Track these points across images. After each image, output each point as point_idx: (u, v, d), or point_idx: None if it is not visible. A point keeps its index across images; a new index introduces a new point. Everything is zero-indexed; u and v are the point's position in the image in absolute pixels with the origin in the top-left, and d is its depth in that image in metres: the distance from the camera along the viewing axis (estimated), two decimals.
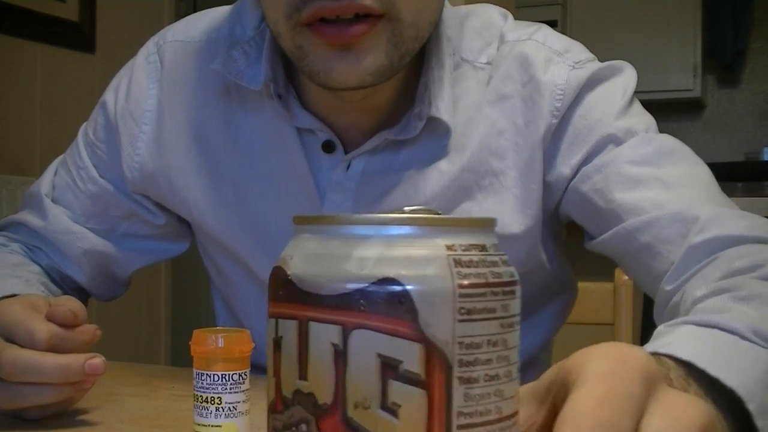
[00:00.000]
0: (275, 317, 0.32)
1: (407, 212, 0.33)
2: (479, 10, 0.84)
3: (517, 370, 0.32)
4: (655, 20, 3.85)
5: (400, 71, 0.73)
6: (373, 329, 0.29)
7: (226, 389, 0.56)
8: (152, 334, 2.61)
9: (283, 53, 0.77)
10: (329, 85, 0.70)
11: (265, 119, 0.81)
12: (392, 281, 0.30)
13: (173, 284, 2.72)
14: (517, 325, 0.32)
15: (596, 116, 0.78)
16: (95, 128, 0.89)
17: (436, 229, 0.31)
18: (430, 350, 0.29)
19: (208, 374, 0.56)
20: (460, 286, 0.30)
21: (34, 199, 0.90)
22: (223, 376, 0.56)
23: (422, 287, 0.30)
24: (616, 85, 0.80)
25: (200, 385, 0.56)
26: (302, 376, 0.31)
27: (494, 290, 0.31)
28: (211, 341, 0.56)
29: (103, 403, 0.71)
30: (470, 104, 0.79)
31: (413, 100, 0.77)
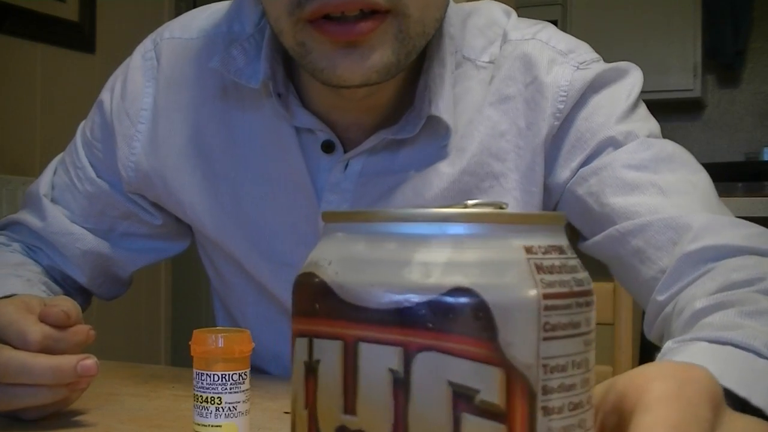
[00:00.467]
0: (308, 335, 0.27)
1: (471, 206, 0.28)
2: (482, 7, 0.83)
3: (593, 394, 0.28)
4: (655, 20, 3.85)
5: (404, 69, 0.72)
6: (443, 351, 0.24)
7: (226, 389, 0.56)
8: (152, 334, 2.61)
9: (282, 51, 0.76)
10: (333, 82, 0.69)
11: (263, 119, 0.80)
12: (466, 291, 0.25)
13: (173, 284, 2.72)
14: (595, 342, 0.28)
15: (599, 119, 0.77)
16: (92, 127, 0.88)
17: (511, 227, 0.26)
18: (511, 375, 0.24)
19: (208, 374, 0.56)
20: (544, 296, 0.25)
21: (33, 199, 0.90)
22: (223, 376, 0.56)
23: (502, 298, 0.25)
24: (621, 88, 0.79)
25: (200, 385, 0.56)
26: (349, 409, 0.26)
27: (578, 300, 0.27)
28: (211, 341, 0.56)
29: (103, 403, 0.71)
30: (471, 105, 0.78)
31: (413, 98, 0.76)
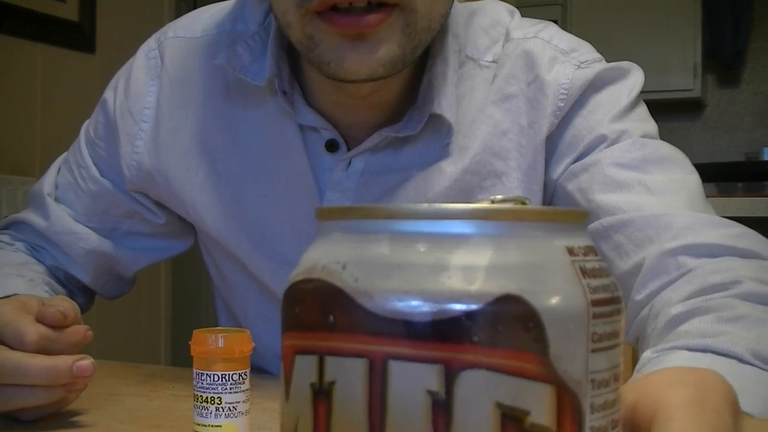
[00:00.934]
0: (316, 353, 0.23)
1: (498, 201, 0.25)
2: (486, 7, 0.83)
3: None
4: (655, 20, 3.85)
5: (410, 64, 0.72)
6: (491, 368, 0.21)
7: (226, 389, 0.56)
8: (152, 334, 2.61)
9: (288, 49, 0.76)
10: (340, 76, 0.69)
11: (266, 117, 0.80)
12: (515, 300, 0.22)
13: (173, 284, 2.72)
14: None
15: (597, 118, 0.77)
16: (96, 126, 0.88)
17: (552, 225, 0.24)
18: (561, 393, 0.22)
19: (208, 374, 0.56)
20: (593, 302, 0.23)
21: (36, 198, 0.90)
22: (223, 376, 0.56)
23: (552, 307, 0.22)
24: (621, 88, 0.79)
25: (200, 385, 0.56)
26: None
27: (618, 307, 0.24)
28: (211, 341, 0.56)
29: (103, 403, 0.71)
30: (474, 104, 0.79)
31: (416, 97, 0.76)
